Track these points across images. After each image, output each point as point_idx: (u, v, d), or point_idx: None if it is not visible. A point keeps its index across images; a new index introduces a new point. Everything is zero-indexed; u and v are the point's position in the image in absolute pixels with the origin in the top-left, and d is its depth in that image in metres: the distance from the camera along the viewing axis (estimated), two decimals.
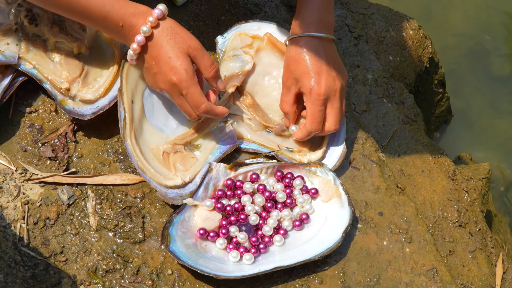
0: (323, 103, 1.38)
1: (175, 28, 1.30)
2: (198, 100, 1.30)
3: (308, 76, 1.38)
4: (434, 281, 1.39)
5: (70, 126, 1.40)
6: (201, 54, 1.31)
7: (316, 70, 1.38)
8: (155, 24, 1.28)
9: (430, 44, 1.87)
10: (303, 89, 1.40)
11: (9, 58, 1.37)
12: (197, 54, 1.30)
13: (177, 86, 1.29)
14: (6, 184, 1.32)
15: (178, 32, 1.29)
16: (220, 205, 1.34)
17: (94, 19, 1.28)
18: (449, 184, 1.56)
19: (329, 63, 1.39)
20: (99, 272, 1.28)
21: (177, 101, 1.33)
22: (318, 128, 1.40)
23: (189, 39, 1.30)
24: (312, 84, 1.38)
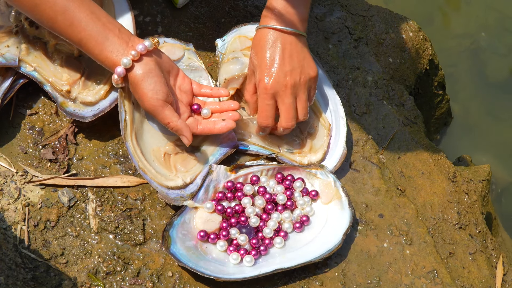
0: (271, 97, 1.38)
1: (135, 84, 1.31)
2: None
3: (259, 68, 1.39)
4: (434, 283, 1.39)
5: (70, 128, 1.41)
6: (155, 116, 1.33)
7: (268, 64, 1.38)
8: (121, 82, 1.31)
9: (430, 46, 1.87)
10: (255, 81, 1.41)
11: (9, 61, 1.37)
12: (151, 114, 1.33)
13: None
14: (7, 186, 1.32)
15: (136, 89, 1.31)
16: (221, 207, 1.35)
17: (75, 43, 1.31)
18: (449, 186, 1.56)
19: (284, 58, 1.37)
20: (100, 274, 1.28)
21: None
22: (267, 123, 1.40)
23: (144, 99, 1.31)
24: (261, 77, 1.38)
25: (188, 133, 1.33)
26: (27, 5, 1.27)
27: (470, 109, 2.35)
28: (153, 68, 1.31)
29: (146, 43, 1.30)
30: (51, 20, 1.27)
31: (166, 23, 1.59)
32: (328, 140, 1.46)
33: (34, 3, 1.26)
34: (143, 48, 1.29)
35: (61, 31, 1.29)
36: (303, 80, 1.38)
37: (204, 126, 1.37)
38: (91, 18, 1.28)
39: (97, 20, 1.28)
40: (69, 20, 1.27)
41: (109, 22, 1.30)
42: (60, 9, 1.27)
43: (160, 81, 1.31)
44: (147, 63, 1.30)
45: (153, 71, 1.31)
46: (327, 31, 1.71)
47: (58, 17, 1.27)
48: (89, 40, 1.28)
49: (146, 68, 1.30)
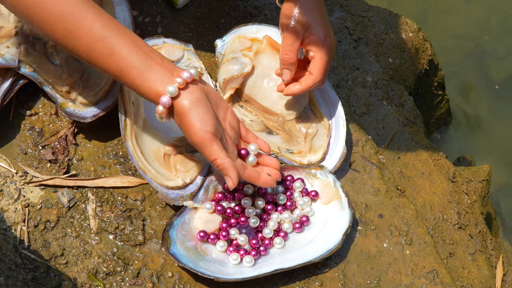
0: (334, 52, 1.40)
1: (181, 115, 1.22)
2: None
3: (322, 24, 1.36)
4: (434, 283, 1.39)
5: (70, 129, 1.41)
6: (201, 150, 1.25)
7: (327, 20, 1.37)
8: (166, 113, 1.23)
9: (429, 46, 1.87)
10: (314, 38, 1.36)
11: (9, 62, 1.37)
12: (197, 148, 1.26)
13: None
14: (7, 187, 1.32)
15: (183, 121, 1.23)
16: (221, 208, 1.35)
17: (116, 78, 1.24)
18: (449, 186, 1.56)
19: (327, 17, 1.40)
20: (100, 275, 1.28)
21: None
22: (324, 80, 1.40)
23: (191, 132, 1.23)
24: (326, 33, 1.36)
25: (235, 175, 1.24)
26: (61, 32, 1.18)
27: (470, 109, 2.35)
28: (201, 98, 1.22)
29: (192, 71, 1.22)
30: (88, 49, 1.19)
31: (166, 24, 1.59)
32: (327, 140, 1.46)
33: (68, 30, 1.18)
34: (189, 76, 1.21)
35: (99, 61, 1.20)
36: None
37: (250, 173, 1.28)
38: (131, 46, 1.19)
39: (138, 49, 1.20)
40: (108, 49, 1.18)
41: (150, 51, 1.21)
42: (98, 37, 1.18)
43: (209, 112, 1.21)
44: (194, 92, 1.21)
45: (201, 101, 1.21)
46: None
47: (96, 45, 1.18)
48: (131, 70, 1.19)
49: (193, 97, 1.21)
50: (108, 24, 1.19)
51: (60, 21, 1.18)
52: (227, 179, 1.25)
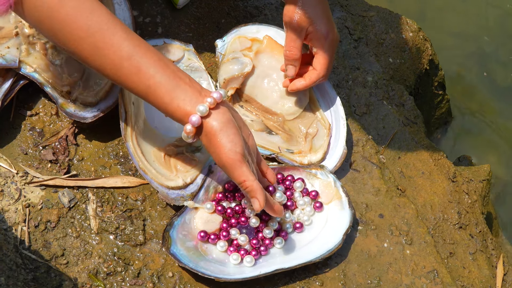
0: (336, 48, 1.41)
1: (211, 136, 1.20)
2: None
3: (324, 20, 1.37)
4: (434, 283, 1.39)
5: (71, 129, 1.41)
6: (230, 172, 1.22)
7: (329, 16, 1.39)
8: (193, 132, 1.21)
9: (430, 46, 1.87)
10: (317, 33, 1.37)
11: (10, 62, 1.37)
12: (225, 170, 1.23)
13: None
14: (7, 187, 1.32)
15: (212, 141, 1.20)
16: (221, 208, 1.35)
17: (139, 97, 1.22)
18: (450, 186, 1.56)
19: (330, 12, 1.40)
20: (100, 275, 1.28)
21: None
22: (327, 75, 1.41)
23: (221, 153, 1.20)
24: (329, 28, 1.38)
25: (262, 197, 1.22)
26: (88, 49, 1.16)
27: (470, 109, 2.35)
28: (230, 119, 1.20)
29: (221, 92, 1.20)
30: (115, 67, 1.16)
31: (166, 24, 1.59)
32: (328, 140, 1.46)
33: (96, 46, 1.15)
34: (218, 97, 1.19)
35: (126, 79, 1.17)
36: None
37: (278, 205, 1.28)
38: (159, 65, 1.17)
39: (166, 67, 1.18)
40: (136, 67, 1.16)
41: (178, 70, 1.20)
42: (126, 55, 1.16)
43: (238, 134, 1.20)
44: (223, 113, 1.19)
45: (231, 122, 1.19)
46: None
47: (124, 63, 1.16)
48: (159, 88, 1.17)
49: (223, 118, 1.19)
50: (136, 43, 1.17)
51: (87, 37, 1.15)
52: (254, 201, 1.22)
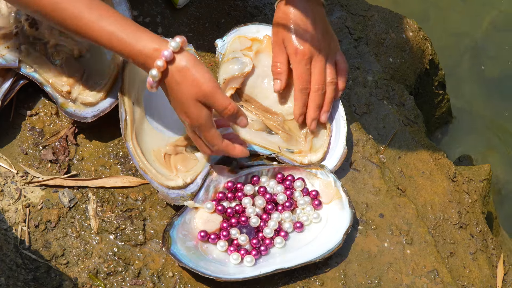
0: (308, 62, 1.41)
1: (185, 71, 1.23)
2: (211, 142, 1.29)
3: (294, 37, 1.40)
4: (435, 283, 1.39)
5: (71, 129, 1.41)
6: (213, 99, 1.24)
7: (302, 31, 1.40)
8: (163, 68, 1.22)
9: (430, 46, 1.87)
10: (288, 50, 1.41)
11: (9, 62, 1.37)
12: (208, 99, 1.24)
13: (190, 127, 1.29)
14: (7, 187, 1.32)
15: (187, 75, 1.23)
16: (221, 207, 1.35)
17: (103, 46, 1.24)
18: (450, 185, 1.56)
19: (317, 24, 1.41)
20: (100, 275, 1.28)
21: (191, 135, 1.32)
22: (307, 87, 1.42)
23: (200, 83, 1.23)
24: (297, 44, 1.40)
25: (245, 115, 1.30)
26: (47, 5, 1.19)
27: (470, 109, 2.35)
28: (198, 59, 1.25)
29: (173, 44, 1.22)
30: (76, 18, 1.19)
31: (166, 24, 1.59)
32: (328, 139, 1.46)
33: (55, 1, 1.19)
34: (183, 40, 1.22)
35: (88, 29, 1.20)
36: (331, 45, 1.43)
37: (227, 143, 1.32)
38: (119, 15, 1.21)
39: (126, 18, 1.22)
40: (96, 15, 1.19)
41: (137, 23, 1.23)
42: (85, 5, 1.19)
43: (207, 69, 1.24)
44: (191, 54, 1.24)
45: (199, 61, 1.24)
46: None
47: (84, 14, 1.19)
48: (123, 31, 1.20)
49: (192, 57, 1.23)
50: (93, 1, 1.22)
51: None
52: (241, 119, 1.29)
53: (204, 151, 1.34)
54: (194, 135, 1.31)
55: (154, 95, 1.42)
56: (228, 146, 1.31)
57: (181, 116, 1.28)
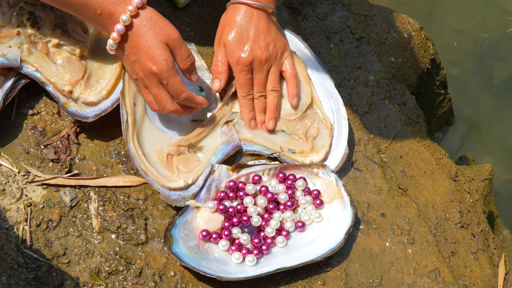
0: (249, 72, 1.41)
1: (155, 17, 1.29)
2: (179, 89, 1.31)
3: (237, 44, 1.40)
4: (436, 282, 1.39)
5: (72, 128, 1.41)
6: (179, 45, 1.31)
7: (244, 39, 1.40)
8: (135, 13, 1.27)
9: (431, 46, 1.87)
10: (230, 59, 1.42)
11: (11, 61, 1.37)
12: (175, 45, 1.30)
13: (157, 76, 1.29)
14: (9, 186, 1.32)
15: (157, 21, 1.29)
16: (223, 207, 1.35)
17: (72, 6, 1.27)
18: (451, 185, 1.56)
19: (259, 33, 1.41)
20: (102, 274, 1.28)
21: (154, 91, 1.31)
22: (249, 93, 1.43)
23: (168, 29, 1.29)
24: (240, 52, 1.40)
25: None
26: None
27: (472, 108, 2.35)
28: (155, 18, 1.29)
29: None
30: None
31: None
32: (330, 140, 1.46)
33: None
34: (138, 2, 1.27)
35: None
36: (278, 55, 1.43)
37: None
38: None
39: None
40: None
41: None
42: None
43: None
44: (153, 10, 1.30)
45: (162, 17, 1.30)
46: (329, 30, 1.71)
47: None
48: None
49: (155, 13, 1.29)
50: None
51: None
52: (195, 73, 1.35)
53: (164, 107, 1.33)
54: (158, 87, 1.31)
55: None
56: (192, 94, 1.33)
57: (148, 66, 1.29)
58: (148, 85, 1.31)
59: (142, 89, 1.34)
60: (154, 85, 1.31)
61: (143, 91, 1.34)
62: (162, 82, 1.30)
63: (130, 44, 1.29)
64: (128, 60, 1.31)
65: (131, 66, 1.32)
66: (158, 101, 1.32)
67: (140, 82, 1.33)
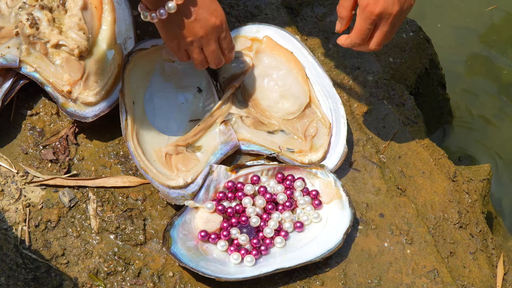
0: (373, 22, 1.33)
1: None
2: (231, 41, 1.34)
3: None
4: (435, 283, 1.39)
5: (71, 129, 1.41)
6: None
7: None
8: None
9: (430, 46, 1.87)
10: (360, 1, 1.34)
11: (10, 62, 1.37)
12: None
13: (218, 29, 1.29)
14: (8, 186, 1.32)
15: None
16: (221, 207, 1.35)
17: None
18: (450, 185, 1.56)
19: None
20: (101, 275, 1.28)
21: (212, 47, 1.31)
22: (361, 43, 1.37)
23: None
24: (372, 1, 1.32)
25: None
26: None
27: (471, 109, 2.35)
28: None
29: None
30: None
31: None
32: (328, 139, 1.46)
33: None
34: None
35: None
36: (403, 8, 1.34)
37: None
38: None
39: None
40: None
41: None
42: None
43: None
44: None
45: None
46: (328, 31, 1.71)
47: None
48: None
49: None
50: None
51: None
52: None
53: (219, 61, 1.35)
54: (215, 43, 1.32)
55: (155, 95, 1.42)
56: None
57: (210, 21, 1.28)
58: (206, 43, 1.31)
59: (195, 50, 1.32)
60: (213, 41, 1.31)
61: (196, 52, 1.32)
62: (220, 36, 1.31)
63: (190, 2, 1.27)
64: (184, 22, 1.28)
65: (188, 27, 1.28)
66: (215, 57, 1.33)
67: (196, 43, 1.30)
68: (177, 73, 1.47)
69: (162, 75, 1.45)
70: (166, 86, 1.45)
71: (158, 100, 1.43)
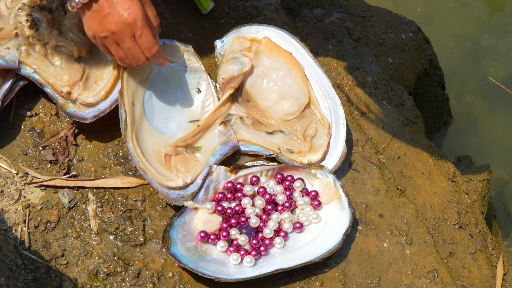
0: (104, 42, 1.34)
1: None
2: (152, 41, 1.30)
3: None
4: (434, 283, 1.39)
5: (70, 130, 1.41)
6: (149, 3, 1.30)
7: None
8: None
9: (429, 46, 1.88)
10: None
11: (9, 63, 1.37)
12: (146, 1, 1.29)
13: (132, 26, 1.28)
14: (7, 187, 1.32)
15: None
16: (221, 208, 1.35)
17: None
18: (449, 186, 1.56)
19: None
20: (100, 275, 1.28)
21: (127, 44, 1.30)
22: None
23: None
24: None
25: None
26: None
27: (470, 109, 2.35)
28: None
29: None
30: None
31: (166, 24, 1.59)
32: (328, 139, 1.46)
33: None
34: None
35: None
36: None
37: None
38: None
39: None
40: None
41: None
42: None
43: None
44: None
45: None
46: (327, 32, 1.71)
47: None
48: None
49: None
50: None
51: None
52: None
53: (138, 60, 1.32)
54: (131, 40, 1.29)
55: (155, 96, 1.42)
56: (160, 51, 1.32)
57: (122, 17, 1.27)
58: (120, 39, 1.29)
59: (112, 46, 1.31)
60: (127, 38, 1.29)
61: (113, 48, 1.31)
62: (135, 34, 1.29)
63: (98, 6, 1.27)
64: (98, 15, 1.28)
65: (101, 21, 1.28)
66: (132, 54, 1.31)
67: (110, 38, 1.30)
68: (176, 74, 1.47)
69: (161, 76, 1.45)
70: (166, 87, 1.45)
71: (158, 100, 1.43)
